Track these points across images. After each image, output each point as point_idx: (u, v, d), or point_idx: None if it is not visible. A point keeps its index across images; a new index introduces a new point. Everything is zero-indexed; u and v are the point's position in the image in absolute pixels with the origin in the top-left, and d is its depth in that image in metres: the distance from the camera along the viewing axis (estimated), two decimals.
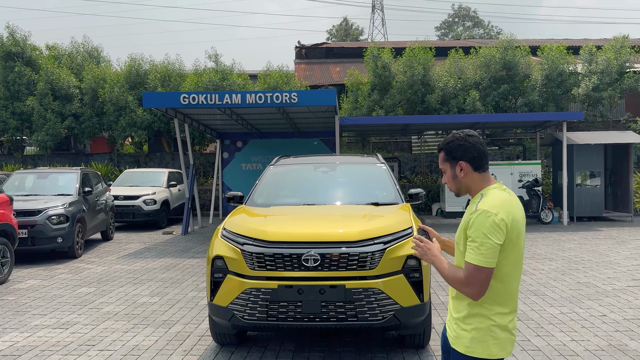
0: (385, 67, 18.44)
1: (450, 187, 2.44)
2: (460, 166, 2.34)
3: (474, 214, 2.21)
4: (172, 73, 20.48)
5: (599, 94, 17.65)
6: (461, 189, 2.40)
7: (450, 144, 2.37)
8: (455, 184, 2.39)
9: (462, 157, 2.33)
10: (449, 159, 2.38)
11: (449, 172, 2.39)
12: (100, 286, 7.64)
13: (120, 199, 14.24)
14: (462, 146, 2.33)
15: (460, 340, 2.27)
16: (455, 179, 2.38)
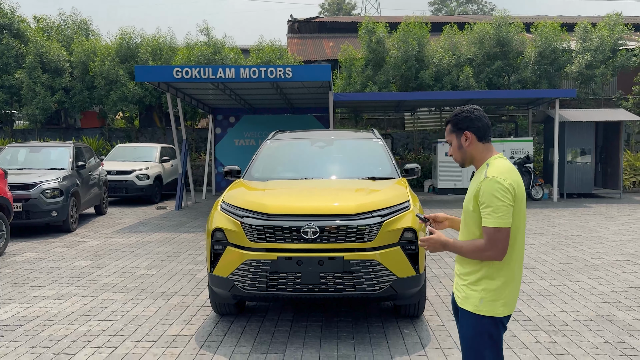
0: (379, 42, 18.32)
1: (455, 158, 2.60)
2: (465, 136, 2.51)
3: (484, 181, 2.38)
4: (164, 46, 20.22)
5: (592, 72, 17.72)
6: (466, 158, 2.55)
7: (457, 116, 2.56)
8: (461, 154, 2.55)
9: (467, 127, 2.51)
10: (455, 130, 2.55)
11: (455, 143, 2.56)
12: (96, 259, 7.70)
13: (112, 173, 14.21)
14: (468, 117, 2.52)
15: (469, 300, 2.45)
16: (460, 149, 2.54)
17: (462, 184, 16.02)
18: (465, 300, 2.47)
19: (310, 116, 17.37)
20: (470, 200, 2.46)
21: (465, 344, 2.47)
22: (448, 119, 2.59)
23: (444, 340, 4.46)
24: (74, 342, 4.48)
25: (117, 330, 4.78)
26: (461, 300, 2.49)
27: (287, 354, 4.19)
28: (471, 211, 2.45)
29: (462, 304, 2.48)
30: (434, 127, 20.88)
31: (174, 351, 4.28)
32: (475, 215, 2.43)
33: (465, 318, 2.47)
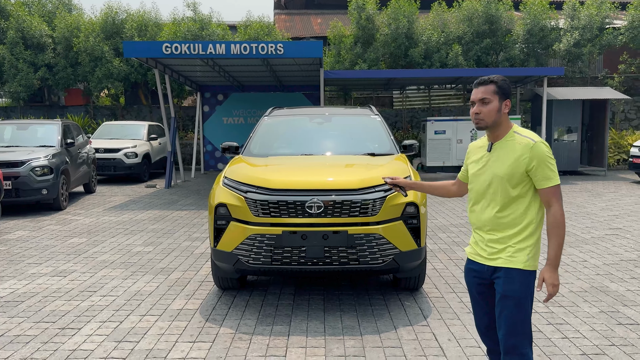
0: (369, 19, 18.18)
1: (487, 118, 2.61)
2: (506, 103, 2.62)
3: (534, 146, 2.53)
4: (149, 22, 19.84)
5: (579, 50, 17.83)
6: (496, 123, 2.62)
7: (504, 82, 2.64)
8: (496, 117, 2.60)
9: (509, 96, 2.64)
10: (500, 94, 2.61)
11: (495, 104, 2.59)
12: (91, 237, 7.67)
13: (100, 151, 14.02)
14: (510, 87, 2.68)
15: (517, 258, 2.57)
16: (499, 112, 2.60)
17: (451, 161, 16.15)
18: (511, 260, 2.57)
19: (300, 94, 17.28)
20: (510, 166, 2.55)
21: (513, 303, 2.56)
22: (492, 79, 2.62)
23: (444, 312, 4.56)
24: (77, 317, 4.49)
25: (120, 305, 4.79)
26: (506, 261, 2.59)
27: (293, 326, 4.26)
28: (510, 175, 2.55)
29: (508, 264, 2.58)
30: (422, 105, 20.92)
31: (180, 324, 4.32)
32: (513, 179, 2.55)
33: (513, 277, 2.56)
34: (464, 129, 16.11)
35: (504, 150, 2.60)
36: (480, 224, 2.71)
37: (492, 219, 2.64)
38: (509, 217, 2.60)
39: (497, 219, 2.62)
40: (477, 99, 2.63)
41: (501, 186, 2.60)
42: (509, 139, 2.60)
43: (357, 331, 4.14)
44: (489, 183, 2.64)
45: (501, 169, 2.58)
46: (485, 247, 2.69)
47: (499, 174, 2.59)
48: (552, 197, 2.53)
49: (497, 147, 2.64)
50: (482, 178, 2.68)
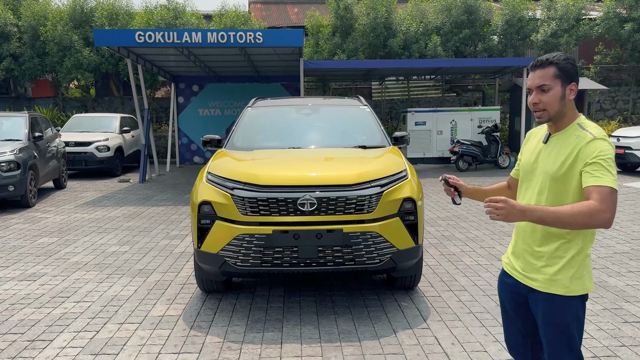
0: (347, 9, 17.88)
1: (550, 108, 2.15)
2: (572, 87, 2.15)
3: (592, 142, 2.08)
4: (120, 11, 19.14)
5: (556, 40, 17.88)
6: (561, 113, 2.16)
7: (567, 61, 2.15)
8: (561, 105, 2.14)
9: (574, 78, 2.16)
10: (563, 77, 2.13)
11: (557, 90, 2.13)
12: (62, 236, 7.22)
13: (71, 145, 13.43)
14: (575, 67, 2.18)
15: (557, 282, 2.15)
16: (563, 100, 2.14)
17: (432, 153, 16.01)
18: (550, 284, 2.15)
19: (278, 85, 16.90)
20: (562, 164, 2.13)
21: (556, 332, 2.17)
22: (551, 60, 2.14)
23: (444, 312, 4.34)
24: (49, 326, 4.12)
25: (96, 312, 4.43)
26: (543, 285, 2.17)
27: (285, 332, 3.97)
28: (561, 175, 2.13)
29: (546, 289, 2.16)
30: (401, 96, 20.74)
31: (163, 333, 3.99)
32: (566, 180, 2.12)
33: (552, 304, 2.16)
34: (444, 120, 15.97)
35: (561, 143, 2.16)
36: (521, 230, 2.29)
37: (534, 226, 2.19)
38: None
39: (543, 228, 2.16)
40: (534, 86, 2.17)
41: (551, 186, 2.17)
42: (569, 132, 2.17)
43: (355, 336, 3.88)
44: (539, 180, 2.22)
45: (553, 165, 2.16)
46: (521, 259, 2.29)
47: (550, 170, 2.17)
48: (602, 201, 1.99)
49: (554, 139, 2.21)
50: (532, 174, 2.27)
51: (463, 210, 8.86)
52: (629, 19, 17.72)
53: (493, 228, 7.46)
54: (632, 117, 19.38)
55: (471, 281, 5.14)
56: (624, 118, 19.26)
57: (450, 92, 20.73)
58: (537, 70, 2.17)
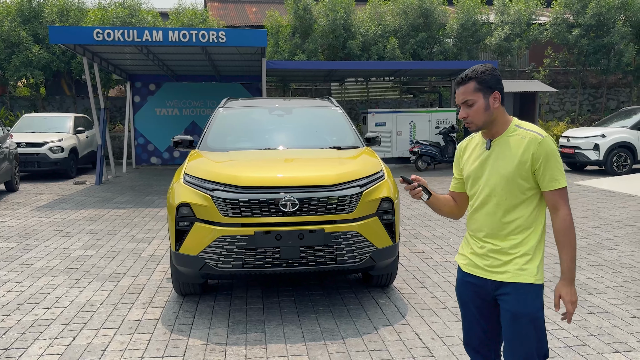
0: (306, 9, 17.94)
1: (477, 120, 2.27)
2: (494, 96, 2.26)
3: (541, 143, 2.20)
4: (71, 7, 18.50)
5: (509, 44, 18.54)
6: (489, 121, 2.27)
7: (484, 74, 2.26)
8: (487, 115, 2.26)
9: (496, 86, 2.26)
10: (483, 89, 2.25)
11: (481, 103, 2.25)
12: (22, 240, 6.95)
13: (22, 146, 12.88)
14: (495, 77, 2.28)
15: (527, 272, 2.25)
16: (487, 110, 2.25)
17: (391, 153, 16.28)
18: (521, 274, 2.24)
19: (238, 85, 16.77)
20: (518, 165, 2.22)
21: (528, 321, 2.23)
22: (470, 75, 2.25)
23: (421, 309, 4.46)
24: (21, 334, 3.98)
25: (70, 318, 4.31)
26: (514, 275, 2.25)
27: (268, 332, 3.98)
28: (516, 176, 2.23)
29: (517, 279, 2.24)
30: (360, 97, 20.99)
31: (143, 337, 3.92)
32: (521, 179, 2.23)
33: (524, 293, 2.24)
34: (403, 121, 16.29)
35: (506, 146, 2.26)
36: (481, 231, 2.36)
37: (495, 225, 2.30)
38: (515, 222, 2.27)
39: (502, 225, 2.29)
40: (459, 102, 2.30)
41: (506, 187, 2.26)
42: (511, 134, 2.27)
43: (338, 334, 3.93)
44: (491, 184, 2.29)
45: (505, 168, 2.25)
46: (486, 258, 2.34)
47: (503, 172, 2.25)
48: (560, 200, 2.22)
49: (497, 143, 2.30)
50: (482, 179, 2.33)
51: (427, 209, 9.07)
52: (576, 25, 18.60)
53: (457, 226, 7.69)
54: (579, 118, 20.34)
55: (443, 277, 5.30)
56: (571, 119, 20.18)
57: (407, 93, 21.13)
58: (460, 87, 2.29)
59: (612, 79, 21.03)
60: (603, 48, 18.48)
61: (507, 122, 2.30)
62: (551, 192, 2.23)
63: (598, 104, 20.92)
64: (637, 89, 21.30)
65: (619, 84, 21.48)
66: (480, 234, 2.36)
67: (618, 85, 21.48)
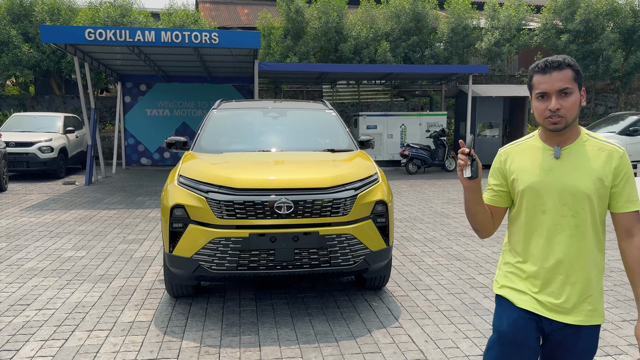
0: (298, 12, 17.96)
1: (570, 115, 1.90)
2: (583, 93, 1.96)
3: (622, 158, 1.93)
4: (62, 6, 18.35)
5: (499, 49, 18.69)
6: (576, 119, 1.95)
7: (577, 65, 1.95)
8: (577, 111, 1.94)
9: (583, 83, 1.99)
10: (579, 81, 1.93)
11: (577, 95, 1.91)
12: (11, 241, 6.88)
13: (11, 145, 12.77)
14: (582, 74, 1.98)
15: (599, 312, 1.97)
16: (579, 106, 1.94)
17: (382, 156, 16.34)
18: (593, 316, 1.96)
19: (230, 86, 16.75)
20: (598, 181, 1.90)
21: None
22: (568, 62, 1.91)
23: (413, 311, 4.48)
24: (12, 336, 3.94)
25: (61, 319, 4.27)
26: (586, 318, 1.94)
27: (262, 335, 3.98)
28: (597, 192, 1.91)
29: (590, 321, 1.95)
30: (351, 100, 21.04)
31: (136, 339, 3.90)
32: (599, 197, 1.92)
33: (592, 335, 1.99)
34: (394, 124, 16.37)
35: (581, 156, 1.91)
36: (549, 260, 1.94)
37: (568, 253, 1.91)
38: (591, 250, 1.92)
39: (576, 253, 1.91)
40: (554, 90, 1.88)
41: (584, 205, 1.90)
42: (583, 143, 1.95)
43: (332, 337, 3.94)
44: (564, 201, 1.92)
45: (584, 182, 1.89)
46: (551, 294, 1.94)
47: (582, 188, 1.89)
48: (637, 224, 1.92)
49: (569, 152, 1.94)
50: (548, 193, 1.93)
51: (418, 212, 9.12)
52: (564, 31, 18.80)
53: (448, 229, 7.73)
54: None
55: (435, 280, 5.33)
56: None
57: (398, 97, 21.22)
58: (555, 73, 1.89)
59: (600, 84, 21.27)
60: (591, 54, 18.70)
61: (579, 129, 1.99)
62: (626, 214, 1.93)
63: (586, 110, 21.15)
64: (625, 95, 21.57)
65: (607, 89, 21.73)
66: (548, 263, 1.95)
67: (606, 91, 21.74)
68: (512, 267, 2.06)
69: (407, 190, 11.83)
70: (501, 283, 2.09)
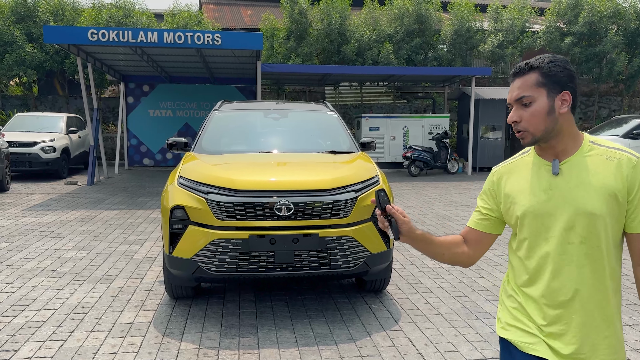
0: (302, 13, 17.97)
1: (533, 127, 1.63)
2: (563, 97, 1.63)
3: (635, 167, 1.59)
4: (66, 7, 18.41)
5: (502, 51, 18.66)
6: (551, 131, 1.63)
7: (553, 64, 1.63)
8: (549, 123, 1.62)
9: (566, 85, 1.63)
10: (549, 84, 1.62)
11: (542, 103, 1.62)
12: (12, 241, 6.88)
13: (14, 145, 12.79)
14: (567, 71, 1.64)
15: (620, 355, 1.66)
16: (551, 115, 1.62)
17: (384, 158, 16.32)
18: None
19: (232, 87, 16.76)
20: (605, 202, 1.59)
21: None
22: (534, 64, 1.64)
23: (414, 314, 4.46)
24: (11, 336, 3.93)
25: (60, 320, 4.26)
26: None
27: (261, 337, 3.97)
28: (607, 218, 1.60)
29: None
30: (354, 101, 21.03)
31: (135, 341, 3.89)
32: (616, 221, 1.61)
33: None
34: (396, 126, 16.36)
35: (584, 169, 1.62)
36: (559, 296, 1.63)
37: (578, 289, 1.61)
38: (606, 282, 1.62)
39: (589, 287, 1.61)
40: (512, 99, 1.68)
41: (594, 229, 1.59)
42: (586, 153, 1.64)
43: (331, 340, 3.92)
44: (569, 225, 1.61)
45: (591, 200, 1.58)
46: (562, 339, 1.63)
47: (589, 207, 1.58)
48: None
49: (570, 165, 1.64)
50: (550, 217, 1.64)
51: (419, 214, 9.10)
52: (568, 33, 18.75)
53: (450, 232, 7.71)
54: None
55: (436, 283, 5.31)
56: None
57: (401, 98, 21.21)
58: (516, 80, 1.68)
59: (603, 87, 21.21)
60: (595, 57, 18.64)
61: (579, 137, 1.68)
62: None
63: (590, 112, 21.09)
64: (629, 98, 21.51)
65: (611, 92, 21.67)
66: (556, 301, 1.64)
67: (610, 94, 21.67)
68: (516, 302, 1.74)
69: (409, 193, 11.80)
70: (504, 321, 1.77)
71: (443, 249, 1.83)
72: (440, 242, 1.83)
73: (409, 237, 1.77)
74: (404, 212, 1.76)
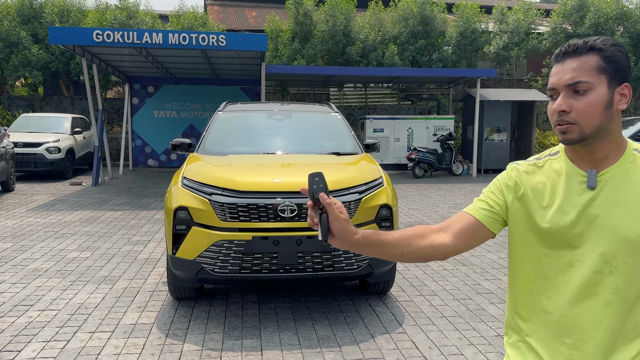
0: (306, 15, 17.98)
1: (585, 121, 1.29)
2: (623, 91, 1.31)
3: None
4: (72, 8, 18.48)
5: (507, 53, 18.62)
6: (602, 130, 1.31)
7: (618, 48, 1.31)
8: (605, 118, 1.30)
9: (627, 77, 1.32)
10: (611, 72, 1.30)
11: (602, 93, 1.29)
12: (17, 241, 6.90)
13: (19, 146, 12.84)
14: (629, 62, 1.34)
15: None
16: (608, 110, 1.30)
17: (389, 159, 16.28)
18: None
19: (237, 88, 16.77)
20: None
21: None
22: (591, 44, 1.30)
23: (418, 317, 4.43)
24: (15, 336, 3.93)
25: (64, 320, 4.26)
26: None
27: (264, 339, 3.95)
28: None
29: None
30: (358, 103, 21.02)
31: (138, 342, 3.89)
32: None
33: None
34: (401, 128, 16.32)
35: (628, 185, 1.31)
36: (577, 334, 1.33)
37: (600, 329, 1.30)
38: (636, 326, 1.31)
39: (614, 330, 1.30)
40: (561, 84, 1.31)
41: (630, 259, 1.29)
42: (630, 163, 1.34)
43: (334, 342, 3.91)
44: (599, 250, 1.30)
45: (631, 224, 1.28)
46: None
47: (627, 233, 1.28)
48: None
49: (609, 178, 1.33)
50: (578, 240, 1.33)
51: (424, 216, 9.07)
52: (574, 35, 18.67)
53: None
54: None
55: (440, 286, 5.28)
56: None
57: (405, 100, 21.17)
58: (568, 60, 1.32)
59: None
60: None
61: (623, 143, 1.36)
62: None
63: None
64: (635, 100, 21.40)
65: None
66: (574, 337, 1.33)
67: None
68: (519, 336, 1.47)
69: (414, 194, 11.77)
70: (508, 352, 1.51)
71: (401, 248, 1.45)
72: (394, 241, 1.45)
73: (344, 240, 1.39)
74: (341, 207, 1.40)
